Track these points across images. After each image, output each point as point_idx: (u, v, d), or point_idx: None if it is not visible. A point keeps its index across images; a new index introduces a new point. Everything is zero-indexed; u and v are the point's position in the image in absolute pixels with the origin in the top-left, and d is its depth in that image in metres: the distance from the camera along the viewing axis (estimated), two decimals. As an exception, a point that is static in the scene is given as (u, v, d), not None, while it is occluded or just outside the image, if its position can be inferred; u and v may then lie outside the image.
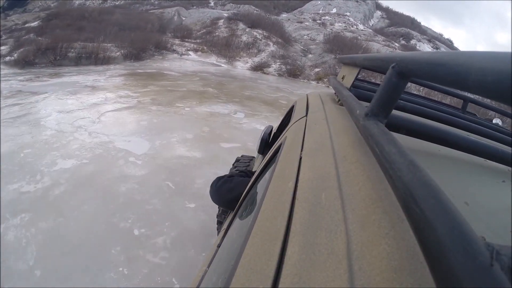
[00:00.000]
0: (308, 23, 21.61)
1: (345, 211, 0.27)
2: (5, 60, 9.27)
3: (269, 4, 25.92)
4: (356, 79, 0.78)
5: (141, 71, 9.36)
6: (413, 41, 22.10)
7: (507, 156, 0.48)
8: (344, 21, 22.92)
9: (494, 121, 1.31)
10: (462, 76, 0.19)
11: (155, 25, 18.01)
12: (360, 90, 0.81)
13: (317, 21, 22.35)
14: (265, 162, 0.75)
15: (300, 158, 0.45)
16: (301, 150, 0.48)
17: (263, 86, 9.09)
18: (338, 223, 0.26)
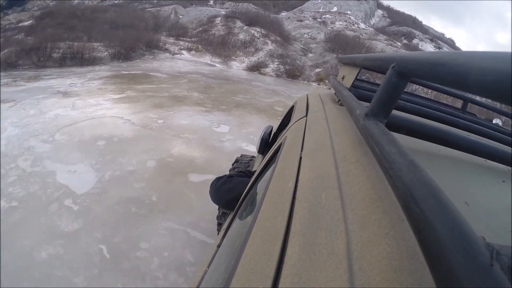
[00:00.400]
0: (309, 22, 21.48)
1: (345, 211, 0.27)
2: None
3: (269, 3, 25.82)
4: (356, 79, 0.78)
5: (126, 73, 8.46)
6: (415, 41, 21.87)
7: (507, 156, 0.48)
8: (345, 20, 22.79)
9: (494, 121, 1.30)
10: (462, 76, 0.19)
11: (150, 24, 17.58)
12: (360, 90, 0.81)
13: (318, 20, 22.20)
14: (265, 162, 0.75)
15: (300, 158, 0.45)
16: (301, 150, 0.48)
17: (258, 89, 8.14)
18: (338, 223, 0.26)
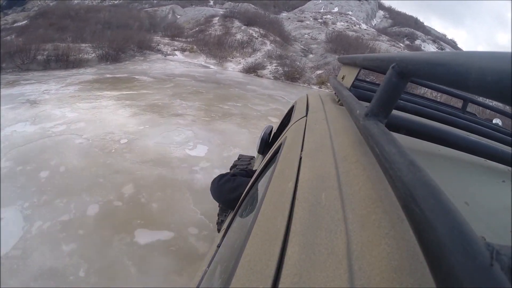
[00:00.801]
0: (309, 22, 21.38)
1: (345, 211, 0.27)
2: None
3: (269, 3, 25.76)
4: (356, 79, 0.78)
5: (110, 76, 7.76)
6: (418, 42, 21.76)
7: (507, 156, 0.48)
8: (347, 20, 22.69)
9: (494, 121, 1.30)
10: (462, 76, 0.19)
11: (145, 24, 17.21)
12: (360, 90, 0.81)
13: (319, 20, 22.08)
14: (265, 162, 0.75)
15: (300, 158, 0.45)
16: (301, 150, 0.48)
17: (252, 95, 7.11)
18: (338, 223, 0.26)
